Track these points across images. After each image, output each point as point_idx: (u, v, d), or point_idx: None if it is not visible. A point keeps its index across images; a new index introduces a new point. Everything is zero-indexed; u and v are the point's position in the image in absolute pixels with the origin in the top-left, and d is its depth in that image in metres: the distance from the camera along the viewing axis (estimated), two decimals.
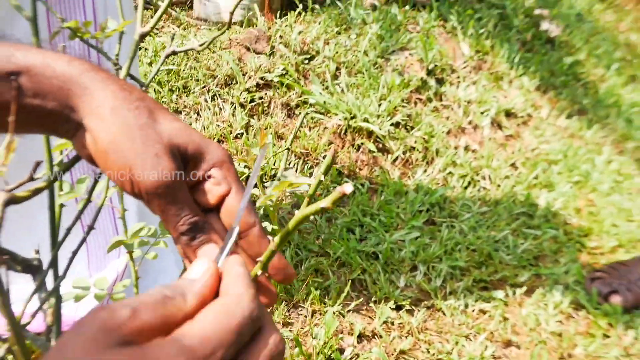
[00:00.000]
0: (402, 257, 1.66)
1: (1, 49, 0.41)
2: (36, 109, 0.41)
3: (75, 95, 0.41)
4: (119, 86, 0.42)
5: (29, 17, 0.57)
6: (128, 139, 0.40)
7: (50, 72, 0.41)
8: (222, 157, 0.43)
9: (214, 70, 2.08)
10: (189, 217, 0.41)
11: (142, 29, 0.58)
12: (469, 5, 3.01)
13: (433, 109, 2.29)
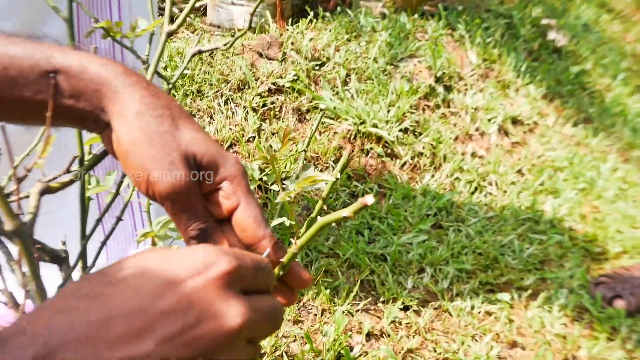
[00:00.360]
0: (409, 260, 1.69)
1: (42, 50, 0.44)
2: (69, 108, 0.45)
3: (106, 97, 0.44)
4: (148, 92, 0.44)
5: (66, 17, 0.61)
6: (148, 143, 0.42)
7: (86, 75, 0.44)
8: (234, 172, 0.44)
9: (227, 75, 2.13)
10: (198, 224, 0.43)
11: (169, 27, 0.62)
12: (476, 14, 3.06)
13: (441, 115, 2.33)
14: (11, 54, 0.43)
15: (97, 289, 0.31)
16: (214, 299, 0.31)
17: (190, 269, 0.32)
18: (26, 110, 0.46)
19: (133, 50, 0.64)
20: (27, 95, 0.44)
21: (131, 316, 0.29)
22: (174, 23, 0.66)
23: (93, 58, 0.45)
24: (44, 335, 0.27)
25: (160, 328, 0.29)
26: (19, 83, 0.44)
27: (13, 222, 0.46)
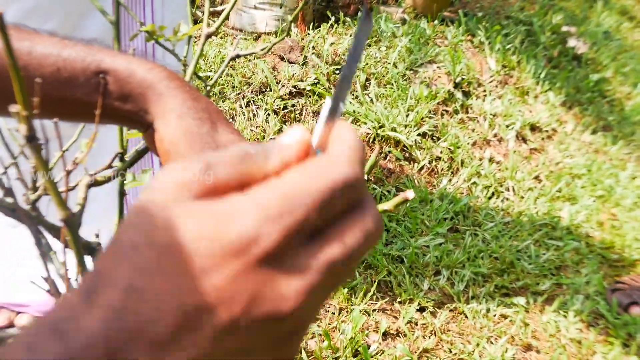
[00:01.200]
0: (426, 262, 1.72)
1: (92, 53, 0.47)
2: (116, 109, 0.48)
3: (151, 100, 0.47)
4: (189, 95, 0.48)
5: (112, 20, 0.65)
6: (188, 144, 0.45)
7: (133, 78, 0.47)
8: None
9: (249, 78, 2.17)
10: None
11: (208, 30, 0.66)
12: (496, 20, 3.08)
13: (459, 120, 2.35)
14: (64, 57, 0.46)
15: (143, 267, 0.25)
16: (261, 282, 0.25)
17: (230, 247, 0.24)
18: (77, 109, 0.49)
19: (174, 53, 0.67)
20: (78, 96, 0.47)
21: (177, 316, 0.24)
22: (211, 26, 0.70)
23: (140, 62, 0.48)
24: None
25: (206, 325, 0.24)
26: (71, 84, 0.47)
27: (63, 212, 0.48)
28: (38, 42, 0.47)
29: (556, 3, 3.73)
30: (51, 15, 0.98)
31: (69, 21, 1.01)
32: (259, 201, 0.25)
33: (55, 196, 0.51)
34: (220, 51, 2.33)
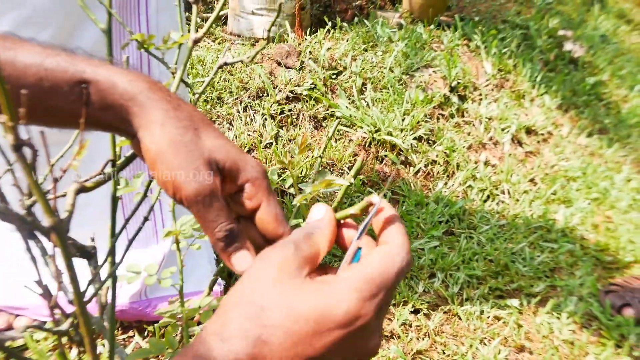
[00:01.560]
0: (421, 265, 1.73)
1: (75, 63, 0.48)
2: (99, 118, 0.49)
3: (132, 112, 0.48)
4: (171, 105, 0.48)
5: (104, 29, 0.67)
6: (173, 153, 0.46)
7: (113, 90, 0.48)
8: (255, 174, 0.48)
9: (246, 83, 2.20)
10: (225, 224, 0.46)
11: (195, 35, 0.68)
12: (493, 25, 3.10)
13: (455, 124, 2.37)
14: (46, 66, 0.47)
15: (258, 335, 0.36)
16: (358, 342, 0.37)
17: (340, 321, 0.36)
18: (61, 118, 0.50)
19: (163, 62, 0.69)
20: (61, 105, 0.48)
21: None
22: (199, 32, 0.72)
23: (122, 73, 0.49)
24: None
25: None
26: (53, 93, 0.48)
27: (51, 219, 0.50)
28: (21, 52, 0.47)
29: (553, 7, 3.75)
30: (46, 25, 1.00)
31: (64, 30, 1.03)
32: (355, 286, 0.36)
33: (42, 203, 0.53)
34: (218, 57, 2.35)
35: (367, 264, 0.39)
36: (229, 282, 1.53)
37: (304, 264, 0.39)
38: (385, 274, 0.38)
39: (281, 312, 0.35)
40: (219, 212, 0.46)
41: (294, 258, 0.38)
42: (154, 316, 1.33)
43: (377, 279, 0.37)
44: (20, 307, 1.30)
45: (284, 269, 0.37)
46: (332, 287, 0.37)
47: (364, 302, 0.36)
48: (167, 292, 1.36)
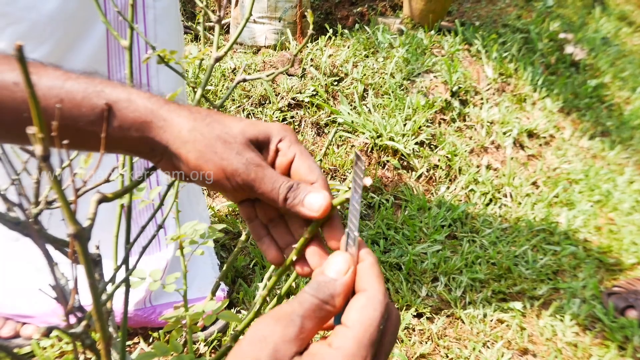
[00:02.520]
0: (424, 269, 1.74)
1: (94, 84, 0.50)
2: (122, 138, 0.50)
3: (157, 126, 0.50)
4: (189, 111, 0.51)
5: (127, 45, 0.69)
6: (211, 150, 0.49)
7: (133, 107, 0.49)
8: (283, 133, 0.52)
9: (248, 91, 2.22)
10: (284, 183, 0.49)
11: (217, 54, 0.70)
12: (493, 29, 3.11)
13: (456, 129, 2.39)
14: (67, 88, 0.49)
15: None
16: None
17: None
18: (80, 139, 0.52)
19: (184, 76, 0.71)
20: (80, 125, 0.50)
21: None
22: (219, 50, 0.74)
23: (139, 93, 0.51)
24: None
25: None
26: (74, 114, 0.49)
27: (74, 226, 0.51)
28: (43, 75, 0.49)
29: (553, 10, 3.76)
30: (45, 39, 1.02)
31: (62, 44, 1.05)
32: (347, 352, 0.37)
33: (66, 211, 0.55)
34: (220, 65, 2.38)
35: (350, 325, 0.39)
36: (232, 288, 1.55)
37: (304, 342, 0.38)
38: (369, 330, 0.38)
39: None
40: (273, 178, 0.49)
41: (296, 340, 0.38)
42: (159, 323, 1.34)
43: (364, 339, 0.38)
44: (27, 315, 1.31)
45: (283, 352, 0.37)
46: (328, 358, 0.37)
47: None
48: (171, 299, 1.38)
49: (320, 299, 0.40)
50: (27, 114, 0.48)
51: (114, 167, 0.72)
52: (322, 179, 0.50)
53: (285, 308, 0.39)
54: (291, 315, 0.38)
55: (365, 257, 0.44)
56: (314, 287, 0.41)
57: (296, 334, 0.38)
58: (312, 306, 0.39)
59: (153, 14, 1.17)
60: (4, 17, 1.00)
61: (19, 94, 0.48)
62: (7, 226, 0.71)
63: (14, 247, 1.28)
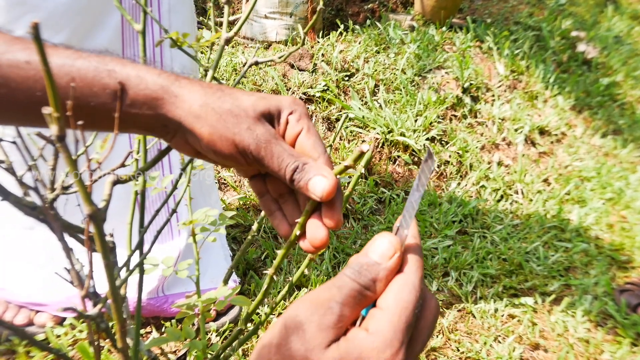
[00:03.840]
0: (435, 264, 1.74)
1: (104, 62, 0.50)
2: (135, 116, 0.50)
3: (168, 102, 0.50)
4: (200, 85, 0.51)
5: (140, 29, 0.69)
6: (223, 125, 0.49)
7: (144, 85, 0.49)
8: (292, 106, 0.52)
9: (260, 85, 2.22)
10: (292, 162, 0.48)
11: (227, 34, 0.70)
12: (505, 26, 3.10)
13: (468, 125, 2.38)
14: (78, 66, 0.49)
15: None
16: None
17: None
18: (93, 119, 0.51)
19: (195, 59, 0.72)
20: (93, 104, 0.49)
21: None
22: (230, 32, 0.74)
23: (149, 70, 0.50)
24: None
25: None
26: (84, 93, 0.49)
27: (90, 208, 0.52)
28: (53, 54, 0.49)
29: (565, 8, 3.74)
30: (62, 27, 1.03)
31: (78, 33, 1.06)
32: (384, 337, 0.36)
33: (82, 192, 0.55)
34: (232, 59, 2.38)
35: (385, 308, 0.37)
36: (243, 280, 1.55)
37: (342, 329, 0.37)
38: (404, 315, 0.37)
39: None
40: (282, 157, 0.48)
41: (333, 328, 0.36)
42: (171, 312, 1.35)
43: (399, 323, 0.36)
44: (41, 303, 1.32)
45: (320, 339, 0.36)
46: (366, 343, 0.36)
47: (394, 350, 0.36)
48: (183, 289, 1.38)
49: (360, 284, 0.38)
50: (39, 92, 0.48)
51: (129, 151, 0.72)
52: (324, 157, 0.50)
53: (324, 294, 0.37)
54: (330, 302, 0.37)
55: (410, 240, 0.42)
56: (355, 269, 0.38)
57: (334, 322, 0.36)
58: (352, 292, 0.37)
59: (168, 3, 1.18)
60: (22, 6, 1.00)
61: (31, 72, 0.48)
62: (23, 211, 0.71)
63: (28, 235, 1.29)
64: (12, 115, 0.51)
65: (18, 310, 1.34)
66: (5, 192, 0.69)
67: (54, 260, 1.29)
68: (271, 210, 0.55)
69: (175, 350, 1.33)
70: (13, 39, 0.50)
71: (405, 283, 0.38)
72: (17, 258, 1.30)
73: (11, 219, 1.25)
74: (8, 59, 0.47)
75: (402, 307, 0.37)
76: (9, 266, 1.31)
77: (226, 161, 0.50)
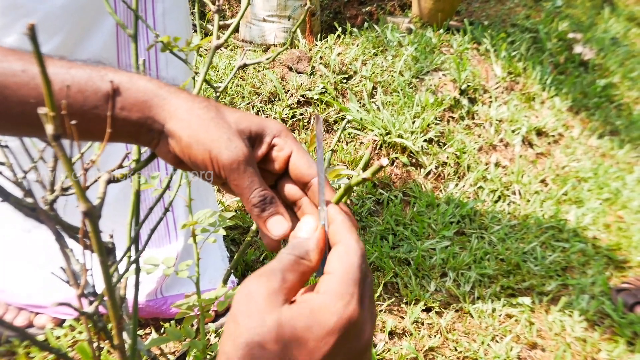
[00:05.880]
0: (432, 264, 1.75)
1: (97, 69, 0.52)
2: (123, 120, 0.51)
3: (157, 105, 0.51)
4: (188, 94, 0.53)
5: (131, 34, 0.70)
6: (204, 130, 0.50)
7: (135, 88, 0.51)
8: (280, 129, 0.52)
9: (258, 88, 2.23)
10: (259, 190, 0.49)
11: (217, 42, 0.71)
12: (502, 29, 3.12)
13: (465, 126, 2.39)
14: (72, 74, 0.51)
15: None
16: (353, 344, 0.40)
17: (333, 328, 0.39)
18: (85, 126, 0.52)
19: (187, 62, 0.73)
20: (84, 110, 0.51)
21: None
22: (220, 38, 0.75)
23: (140, 76, 0.53)
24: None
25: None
26: (77, 99, 0.50)
27: (85, 205, 0.53)
28: (49, 64, 0.50)
29: (562, 10, 3.76)
30: (57, 31, 1.04)
31: (73, 36, 1.07)
32: (334, 292, 0.39)
33: (77, 190, 0.56)
34: (230, 62, 2.39)
35: (332, 271, 0.41)
36: (242, 281, 1.56)
37: (290, 293, 0.40)
38: (351, 273, 0.40)
39: (276, 343, 0.37)
40: (252, 179, 0.49)
41: (280, 290, 0.40)
42: (170, 313, 1.36)
43: (349, 280, 0.40)
44: (40, 305, 1.33)
45: (272, 302, 0.39)
46: (316, 303, 0.39)
47: (346, 303, 0.39)
48: (182, 290, 1.39)
49: (296, 255, 0.42)
50: (33, 100, 0.50)
51: (126, 152, 0.73)
52: (321, 176, 0.51)
53: (265, 267, 0.41)
54: (272, 270, 0.40)
55: (335, 216, 0.46)
56: (290, 247, 0.43)
57: (279, 284, 0.40)
58: (290, 262, 0.42)
59: (162, 7, 1.19)
60: (18, 9, 1.01)
61: (26, 79, 0.49)
62: (23, 212, 0.72)
63: (27, 238, 1.29)
64: (4, 124, 0.52)
65: (18, 312, 1.35)
66: (6, 193, 0.70)
67: (54, 261, 1.30)
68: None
69: (174, 351, 1.34)
70: (8, 50, 0.51)
71: (346, 249, 0.42)
72: (17, 258, 1.31)
73: (11, 219, 1.26)
74: (4, 67, 0.49)
75: (348, 267, 0.41)
76: (9, 267, 1.32)
77: (199, 169, 0.51)
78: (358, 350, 0.40)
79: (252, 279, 0.40)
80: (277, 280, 0.40)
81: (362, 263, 0.42)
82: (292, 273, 0.41)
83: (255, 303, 0.38)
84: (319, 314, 0.38)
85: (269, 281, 0.39)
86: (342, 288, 0.40)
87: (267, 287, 0.39)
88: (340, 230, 0.45)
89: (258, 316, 0.38)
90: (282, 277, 0.40)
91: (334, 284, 0.40)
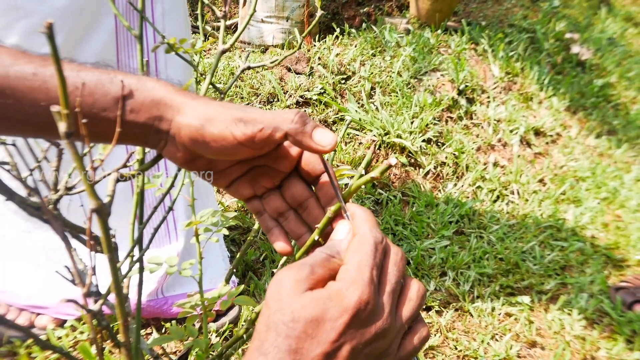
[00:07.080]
0: (432, 264, 1.76)
1: (107, 72, 0.52)
2: (131, 122, 0.52)
3: (164, 104, 0.52)
4: (194, 95, 0.54)
5: (137, 34, 0.71)
6: (213, 112, 0.51)
7: (143, 89, 0.52)
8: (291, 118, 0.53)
9: (257, 89, 2.24)
10: (294, 113, 0.50)
11: (223, 46, 0.72)
12: (499, 29, 3.13)
13: (463, 126, 2.40)
14: (82, 77, 0.51)
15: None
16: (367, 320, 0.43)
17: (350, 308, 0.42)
18: (94, 128, 0.53)
19: (192, 64, 0.73)
20: (94, 112, 0.51)
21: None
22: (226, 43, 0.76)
23: (148, 78, 0.54)
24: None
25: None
26: (86, 102, 0.51)
27: (96, 202, 0.53)
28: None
29: (559, 10, 3.77)
30: (57, 31, 1.04)
31: (73, 37, 1.08)
32: (349, 278, 0.43)
33: (88, 187, 0.57)
34: (229, 63, 2.40)
35: (347, 261, 0.45)
36: (242, 281, 1.56)
37: (315, 284, 0.44)
38: (364, 260, 0.44)
39: (297, 322, 0.41)
40: (279, 114, 0.50)
41: (306, 280, 0.43)
42: (171, 313, 1.36)
43: (360, 265, 0.44)
44: (41, 305, 1.34)
45: (297, 288, 0.43)
46: (333, 289, 0.43)
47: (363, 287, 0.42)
48: (183, 290, 1.40)
49: (328, 254, 0.46)
50: (44, 102, 0.50)
51: (131, 152, 0.74)
52: (331, 171, 0.54)
53: (298, 261, 0.45)
54: (303, 263, 0.45)
55: (354, 211, 0.50)
56: (326, 247, 0.47)
57: (307, 275, 0.44)
58: (322, 258, 0.45)
59: (161, 8, 1.19)
60: (17, 10, 1.02)
61: (36, 83, 0.50)
62: (27, 212, 0.73)
63: (27, 239, 1.30)
64: (15, 126, 0.53)
65: (19, 313, 1.35)
66: (11, 192, 0.71)
67: (54, 262, 1.30)
68: (269, 227, 0.58)
69: (176, 351, 1.35)
70: (18, 52, 0.52)
71: (358, 239, 0.46)
72: (17, 258, 1.31)
73: (11, 220, 1.27)
74: (16, 70, 0.50)
75: (360, 254, 0.44)
76: (9, 267, 1.32)
77: (211, 151, 0.51)
78: (371, 335, 0.43)
79: (284, 270, 0.45)
80: (305, 272, 0.44)
81: (374, 251, 0.45)
82: (321, 268, 0.45)
83: (283, 289, 0.43)
84: (336, 298, 0.42)
85: (297, 272, 0.44)
86: (356, 274, 0.43)
87: (295, 276, 0.43)
88: (356, 223, 0.49)
89: (284, 299, 0.42)
90: (310, 270, 0.44)
91: (349, 272, 0.44)
